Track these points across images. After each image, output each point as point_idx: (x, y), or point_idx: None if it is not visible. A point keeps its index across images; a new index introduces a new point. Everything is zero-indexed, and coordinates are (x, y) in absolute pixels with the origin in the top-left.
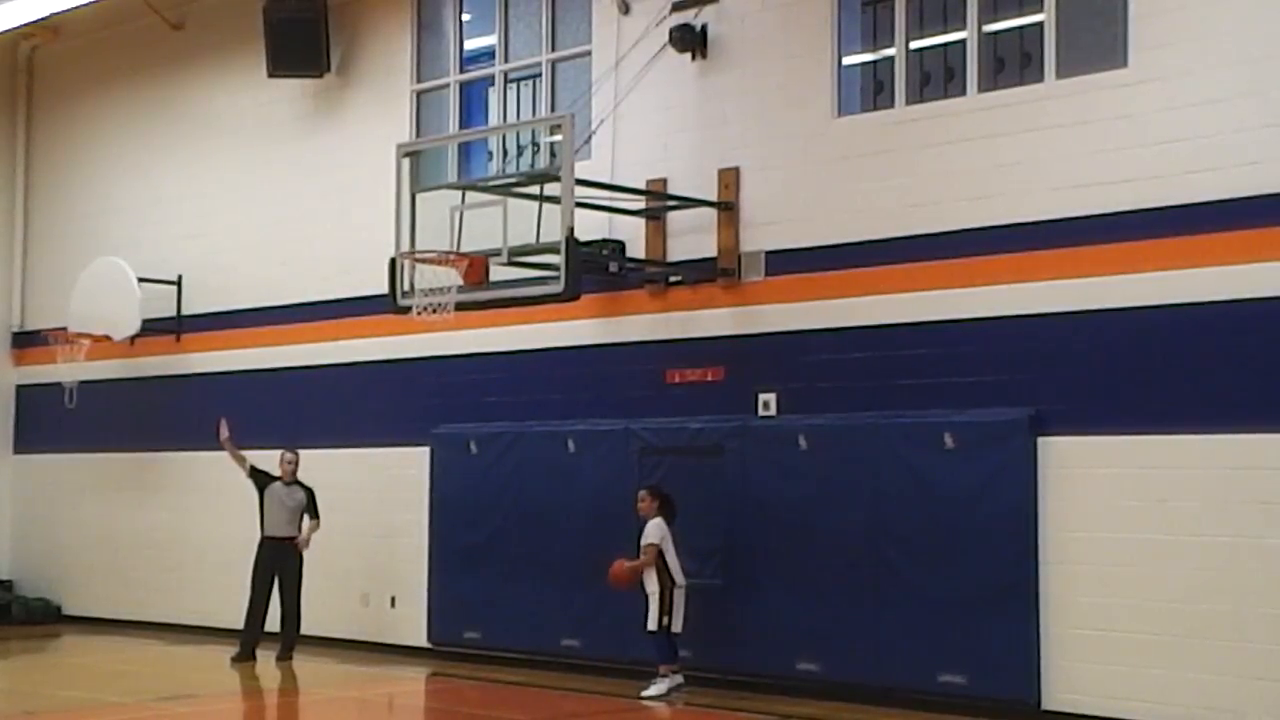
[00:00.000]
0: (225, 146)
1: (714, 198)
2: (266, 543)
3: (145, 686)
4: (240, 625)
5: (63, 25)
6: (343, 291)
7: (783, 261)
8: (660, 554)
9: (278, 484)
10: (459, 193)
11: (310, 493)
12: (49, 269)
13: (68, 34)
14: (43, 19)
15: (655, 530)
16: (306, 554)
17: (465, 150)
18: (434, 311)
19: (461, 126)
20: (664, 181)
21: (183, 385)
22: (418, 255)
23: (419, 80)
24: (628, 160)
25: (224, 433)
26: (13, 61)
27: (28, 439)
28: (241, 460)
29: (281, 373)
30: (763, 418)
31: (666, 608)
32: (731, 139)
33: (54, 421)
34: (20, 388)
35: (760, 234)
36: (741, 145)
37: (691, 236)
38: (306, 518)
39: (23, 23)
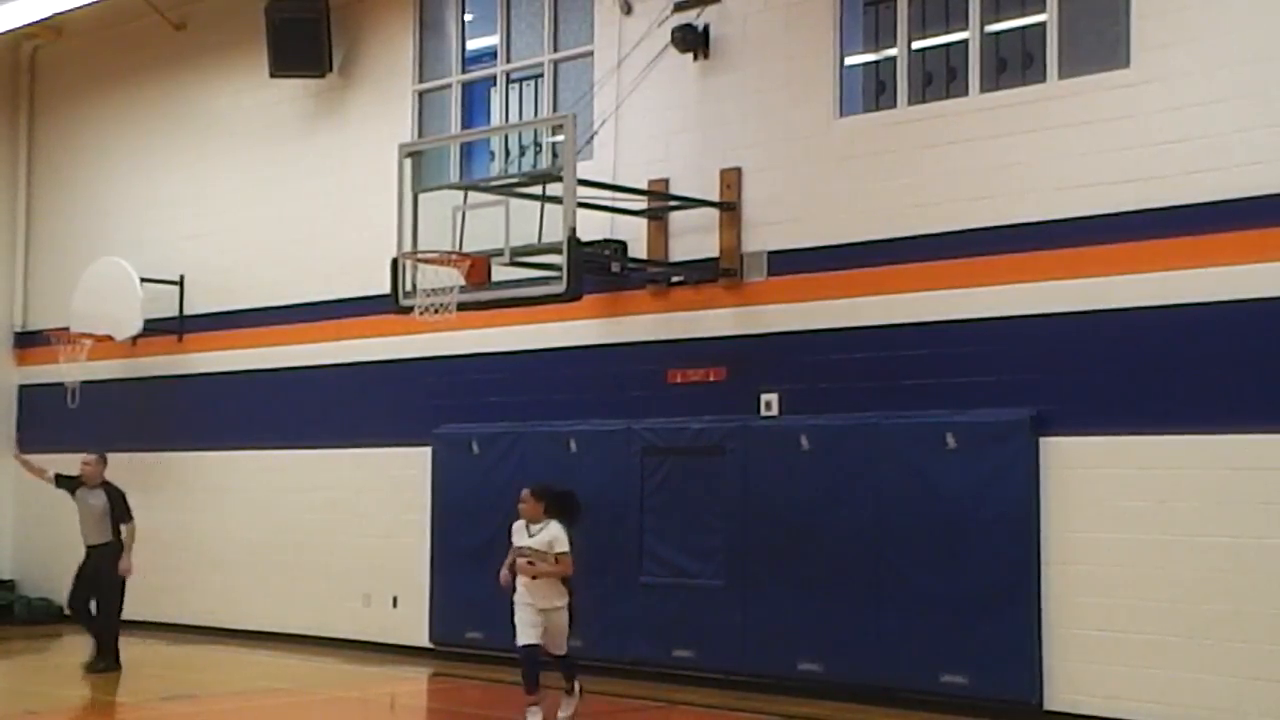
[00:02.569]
0: (227, 146)
1: (716, 198)
2: (87, 551)
3: (145, 686)
4: (240, 626)
5: (64, 25)
6: (344, 291)
7: (785, 262)
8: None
9: (82, 489)
10: (461, 193)
11: (115, 494)
12: (51, 269)
13: (69, 34)
14: (45, 19)
15: (565, 537)
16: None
17: (467, 150)
18: (436, 312)
19: (463, 126)
20: (666, 182)
21: (185, 385)
22: (420, 255)
23: (421, 80)
24: (629, 160)
25: (15, 451)
26: (15, 61)
27: (30, 439)
28: (41, 473)
29: (283, 373)
30: (765, 418)
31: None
32: (733, 139)
33: (56, 421)
34: (22, 388)
35: (762, 234)
36: (743, 145)
37: (693, 236)
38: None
39: (25, 23)
